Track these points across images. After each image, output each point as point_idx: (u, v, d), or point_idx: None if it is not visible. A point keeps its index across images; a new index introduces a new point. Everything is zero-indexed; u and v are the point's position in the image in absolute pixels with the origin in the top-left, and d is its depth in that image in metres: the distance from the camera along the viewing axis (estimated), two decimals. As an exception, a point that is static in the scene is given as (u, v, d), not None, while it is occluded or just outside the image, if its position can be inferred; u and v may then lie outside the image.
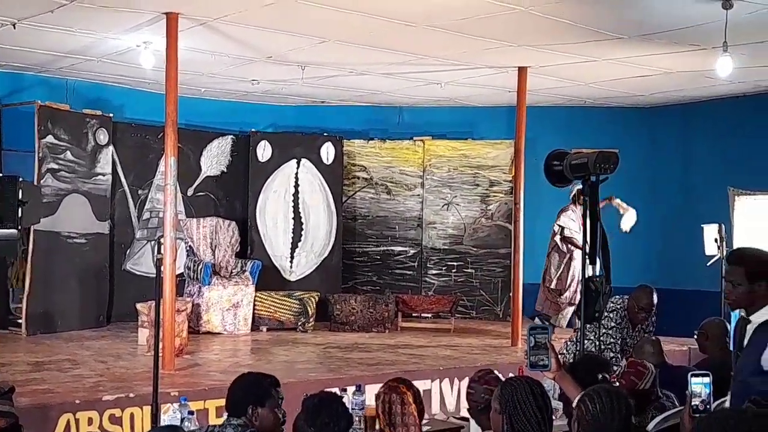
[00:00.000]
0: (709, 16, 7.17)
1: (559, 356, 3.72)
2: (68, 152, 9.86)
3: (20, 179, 6.78)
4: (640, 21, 7.64)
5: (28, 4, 7.36)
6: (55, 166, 9.70)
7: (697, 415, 2.98)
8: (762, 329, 3.56)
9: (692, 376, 3.09)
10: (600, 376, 3.90)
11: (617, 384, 4.37)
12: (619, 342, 6.52)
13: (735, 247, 10.29)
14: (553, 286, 10.36)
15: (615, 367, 6.03)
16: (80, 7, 7.39)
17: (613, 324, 6.49)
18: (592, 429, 2.85)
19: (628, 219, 9.98)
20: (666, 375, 4.78)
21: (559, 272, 10.26)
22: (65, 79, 10.60)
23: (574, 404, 3.03)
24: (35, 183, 9.02)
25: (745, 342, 3.64)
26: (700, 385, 3.06)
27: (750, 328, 3.63)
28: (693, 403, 3.04)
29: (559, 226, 10.10)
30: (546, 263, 10.46)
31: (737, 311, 3.79)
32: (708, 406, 3.03)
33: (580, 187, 10.11)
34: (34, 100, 9.71)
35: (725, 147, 11.29)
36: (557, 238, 10.19)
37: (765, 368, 3.46)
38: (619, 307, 6.55)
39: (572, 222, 9.99)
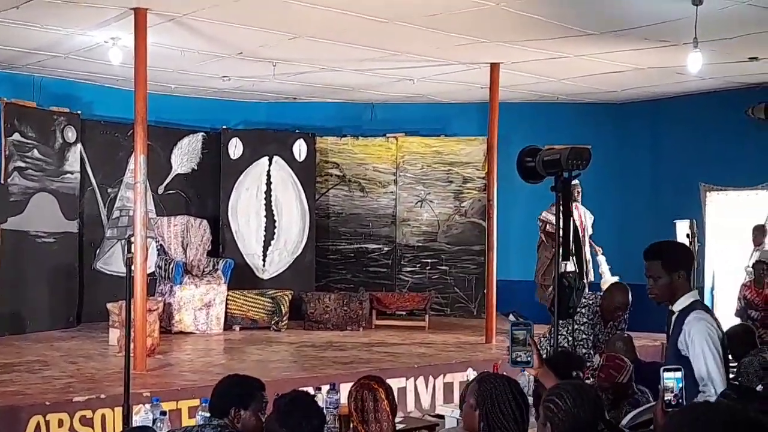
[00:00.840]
0: (679, 12, 7.20)
1: None
2: (35, 150, 9.73)
3: (-14, 178, 6.69)
4: (611, 17, 7.66)
5: (-8, -1, 7.23)
6: (22, 165, 9.57)
7: (670, 410, 2.98)
8: (680, 316, 3.67)
9: (664, 371, 3.09)
10: (574, 374, 3.89)
11: (595, 378, 4.37)
12: (591, 338, 6.51)
13: (701, 242, 10.40)
14: (542, 281, 10.34)
15: (587, 363, 6.04)
16: (47, 3, 7.28)
17: (585, 320, 6.48)
18: (565, 425, 2.83)
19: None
20: (639, 371, 4.79)
21: (545, 267, 10.24)
22: (32, 75, 10.43)
23: (541, 405, 3.01)
24: (2, 182, 8.88)
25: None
26: (672, 380, 3.06)
27: (673, 319, 3.72)
28: (665, 398, 3.04)
29: (541, 221, 10.09)
30: (537, 256, 10.45)
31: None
32: (680, 401, 3.03)
33: (575, 181, 10.25)
34: (0, 98, 9.55)
35: (696, 143, 11.36)
36: (542, 233, 10.17)
37: (682, 352, 3.58)
38: (591, 302, 6.54)
39: (553, 216, 9.99)
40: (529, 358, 3.45)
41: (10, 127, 9.41)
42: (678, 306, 3.70)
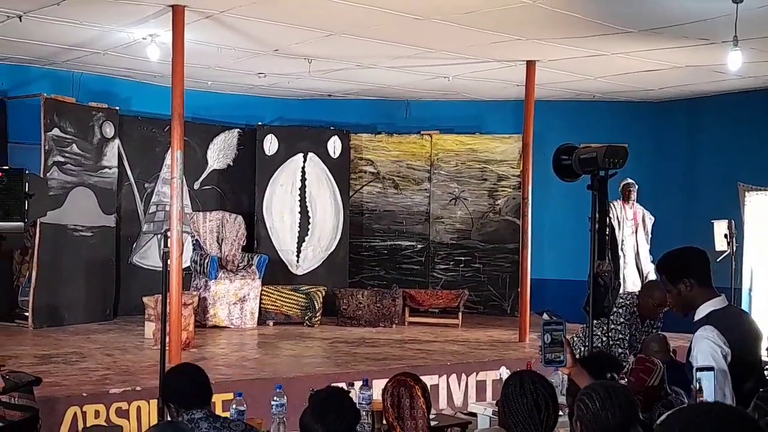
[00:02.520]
0: (719, 10, 7.11)
1: None
2: (74, 145, 9.85)
3: (26, 172, 6.77)
4: (649, 15, 7.58)
5: (34, -4, 7.34)
6: (61, 159, 9.70)
7: None
8: (696, 327, 3.52)
9: (698, 370, 3.05)
10: (608, 375, 3.86)
11: (626, 382, 4.33)
12: (627, 338, 6.47)
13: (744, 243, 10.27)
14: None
15: (624, 363, 5.99)
16: (87, 0, 7.36)
17: (622, 320, 6.45)
18: (594, 426, 2.82)
19: None
20: (674, 372, 4.74)
21: None
22: (71, 71, 10.58)
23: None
24: (41, 176, 9.01)
25: None
26: (706, 379, 3.03)
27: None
28: (699, 398, 3.01)
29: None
30: None
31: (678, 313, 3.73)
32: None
33: (628, 181, 10.22)
34: (40, 93, 9.70)
35: (735, 142, 11.21)
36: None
37: (692, 363, 3.44)
38: (628, 303, 6.51)
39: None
40: (562, 358, 3.42)
41: (49, 122, 9.54)
42: (696, 316, 3.56)
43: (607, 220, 5.00)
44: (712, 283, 3.64)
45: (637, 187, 10.47)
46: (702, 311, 3.55)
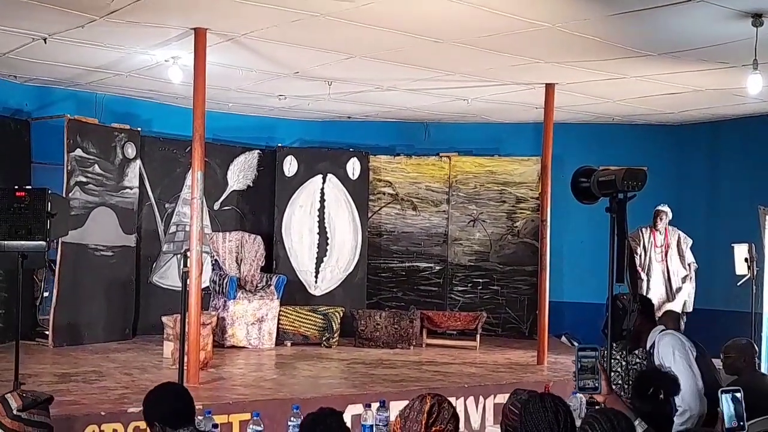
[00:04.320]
0: (738, 34, 7.11)
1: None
2: (96, 165, 9.95)
3: (49, 192, 6.87)
4: (669, 38, 7.59)
5: (58, 19, 7.45)
6: (84, 179, 9.79)
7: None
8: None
9: (722, 392, 3.04)
10: (651, 390, 3.82)
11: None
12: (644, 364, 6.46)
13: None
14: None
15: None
16: (110, 23, 7.47)
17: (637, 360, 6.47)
18: None
19: None
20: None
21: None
22: (94, 93, 10.71)
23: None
24: (64, 196, 9.10)
25: None
26: (731, 402, 3.01)
27: None
28: (726, 422, 2.99)
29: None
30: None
31: None
32: (741, 423, 2.98)
33: (659, 208, 10.22)
34: (64, 114, 9.82)
35: (755, 165, 11.15)
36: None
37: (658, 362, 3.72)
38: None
39: (634, 244, 9.99)
40: (596, 384, 3.40)
41: (72, 142, 9.64)
42: (649, 342, 3.75)
43: (627, 243, 4.99)
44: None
45: (668, 212, 10.44)
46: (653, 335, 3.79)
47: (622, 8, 6.72)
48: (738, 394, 3.02)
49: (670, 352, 3.50)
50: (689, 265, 10.49)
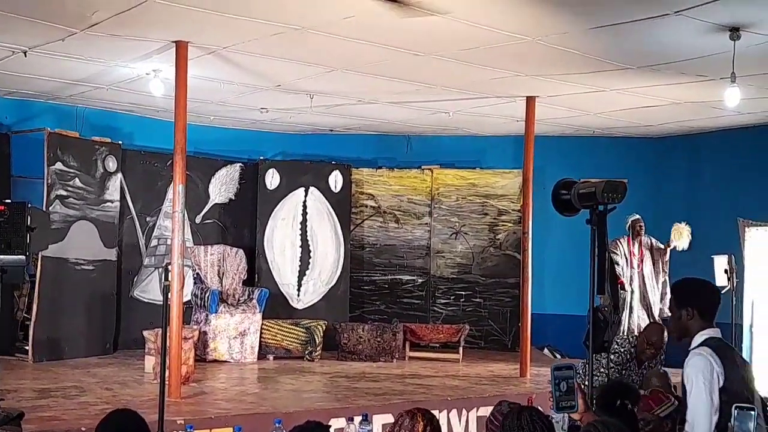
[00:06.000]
0: (716, 47, 7.19)
1: None
2: (77, 179, 9.90)
3: (29, 205, 6.81)
4: (648, 52, 7.66)
5: (39, 32, 7.42)
6: (64, 193, 9.74)
7: None
8: (690, 351, 3.65)
9: (737, 408, 3.04)
10: (618, 402, 3.86)
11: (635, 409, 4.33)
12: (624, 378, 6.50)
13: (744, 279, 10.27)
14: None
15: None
16: (91, 36, 7.45)
17: (612, 365, 6.49)
18: None
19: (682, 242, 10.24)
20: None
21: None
22: (75, 106, 10.67)
23: None
24: (44, 209, 9.04)
25: None
26: (743, 420, 3.00)
27: None
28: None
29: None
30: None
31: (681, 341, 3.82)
32: None
33: (635, 217, 10.27)
34: (44, 127, 9.77)
35: (734, 178, 11.25)
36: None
37: (685, 384, 3.59)
38: (623, 350, 6.58)
39: (615, 255, 10.02)
40: (573, 403, 3.39)
41: (52, 156, 9.60)
42: (692, 345, 3.68)
43: (607, 254, 5.02)
44: (713, 320, 3.73)
45: (643, 222, 10.51)
46: (697, 339, 3.68)
47: (602, 22, 6.78)
48: (752, 413, 3.00)
49: (695, 377, 3.44)
50: (663, 252, 10.49)
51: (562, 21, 6.77)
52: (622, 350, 6.55)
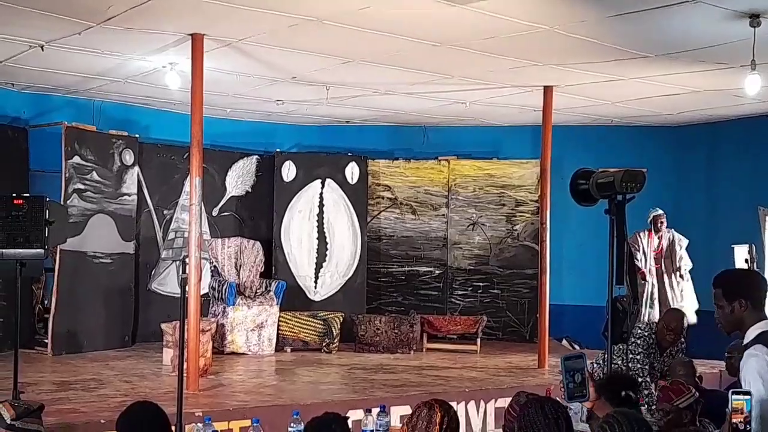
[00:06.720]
0: (736, 34, 7.10)
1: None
2: (94, 173, 9.93)
3: (47, 199, 6.85)
4: (667, 40, 7.58)
5: (56, 26, 7.44)
6: (82, 187, 9.77)
7: None
8: (745, 349, 3.49)
9: (733, 393, 3.00)
10: (623, 393, 3.82)
11: (650, 405, 4.31)
12: (647, 367, 6.45)
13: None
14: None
15: (645, 391, 5.94)
16: (107, 29, 7.45)
17: (640, 350, 6.45)
18: None
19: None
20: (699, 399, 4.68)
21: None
22: (92, 100, 10.70)
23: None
24: (62, 203, 9.08)
25: None
26: (741, 402, 2.97)
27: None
28: (733, 421, 2.95)
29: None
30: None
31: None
32: (748, 426, 2.94)
33: (658, 212, 10.18)
34: (61, 121, 9.80)
35: (754, 166, 11.13)
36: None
37: (743, 384, 3.40)
38: (645, 334, 6.52)
39: (635, 250, 9.94)
40: (585, 392, 3.39)
41: (70, 150, 9.63)
42: (746, 339, 3.55)
43: (626, 245, 4.97)
44: (764, 309, 3.64)
45: (664, 218, 10.41)
46: (751, 333, 3.53)
47: (620, 10, 6.71)
48: (748, 396, 2.96)
49: (753, 380, 3.35)
50: (681, 266, 10.40)
51: (579, 9, 6.70)
52: (645, 334, 6.51)
